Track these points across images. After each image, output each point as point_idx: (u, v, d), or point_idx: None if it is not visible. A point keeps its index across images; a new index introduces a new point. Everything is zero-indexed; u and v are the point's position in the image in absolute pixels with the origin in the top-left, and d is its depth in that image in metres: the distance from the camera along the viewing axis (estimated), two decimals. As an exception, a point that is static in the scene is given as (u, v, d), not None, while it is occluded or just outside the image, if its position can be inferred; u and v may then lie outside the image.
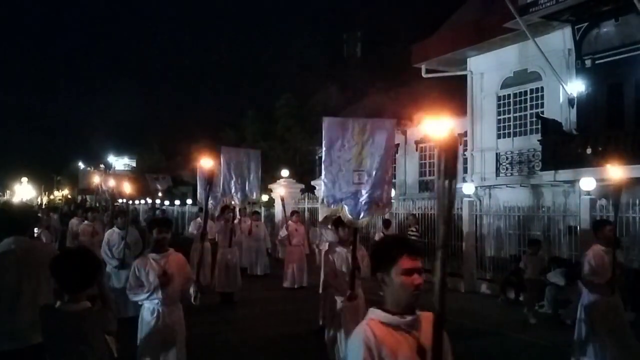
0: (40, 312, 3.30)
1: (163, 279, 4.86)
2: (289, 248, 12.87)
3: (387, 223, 13.02)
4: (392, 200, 6.95)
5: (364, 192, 5.85)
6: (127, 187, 12.51)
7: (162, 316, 4.94)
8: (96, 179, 28.18)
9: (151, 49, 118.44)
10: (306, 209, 19.13)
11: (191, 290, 5.34)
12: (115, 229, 8.96)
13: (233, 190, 10.31)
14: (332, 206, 5.94)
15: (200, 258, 7.76)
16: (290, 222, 13.31)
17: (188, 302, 5.38)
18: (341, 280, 6.04)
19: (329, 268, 6.24)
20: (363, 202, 5.84)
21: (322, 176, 6.06)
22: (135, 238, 9.16)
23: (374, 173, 5.87)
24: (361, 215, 5.86)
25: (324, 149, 6.03)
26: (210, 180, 7.20)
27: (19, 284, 3.75)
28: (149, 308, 4.98)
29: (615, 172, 6.73)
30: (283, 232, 13.06)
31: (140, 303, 5.08)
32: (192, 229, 13.71)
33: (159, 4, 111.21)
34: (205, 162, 7.77)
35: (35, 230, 9.17)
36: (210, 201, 10.92)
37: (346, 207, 5.84)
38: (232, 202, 10.90)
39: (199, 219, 14.13)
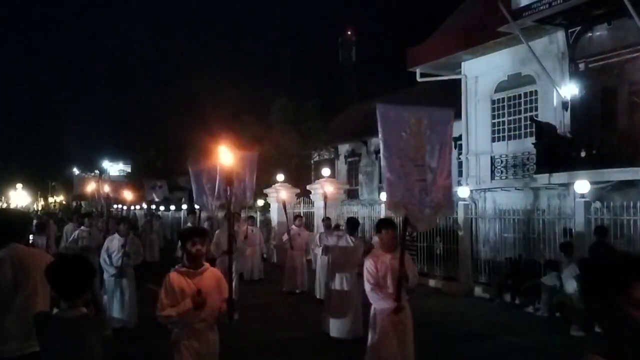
0: (35, 319, 3.29)
1: (198, 300, 4.17)
2: (290, 252, 12.71)
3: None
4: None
5: (426, 190, 5.25)
6: (126, 194, 12.50)
7: (196, 340, 4.32)
8: (92, 186, 28.04)
9: (147, 54, 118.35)
10: (302, 214, 19.10)
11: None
12: (115, 235, 8.71)
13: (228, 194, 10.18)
14: (395, 208, 5.37)
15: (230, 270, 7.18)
16: (293, 226, 13.22)
17: (222, 322, 4.81)
18: (384, 290, 5.38)
19: (370, 276, 5.44)
20: (427, 202, 5.25)
21: (384, 172, 5.32)
22: (136, 246, 8.95)
23: (435, 168, 5.28)
24: (425, 216, 5.27)
25: (381, 143, 5.34)
26: (230, 181, 7.11)
27: (14, 291, 3.73)
28: (180, 332, 4.33)
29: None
30: (285, 237, 12.89)
31: (170, 327, 4.39)
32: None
33: (154, 8, 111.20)
34: (225, 157, 6.92)
35: (30, 237, 9.09)
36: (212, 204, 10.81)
37: (409, 206, 5.23)
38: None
39: (206, 223, 13.95)
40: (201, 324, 4.32)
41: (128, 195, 15.78)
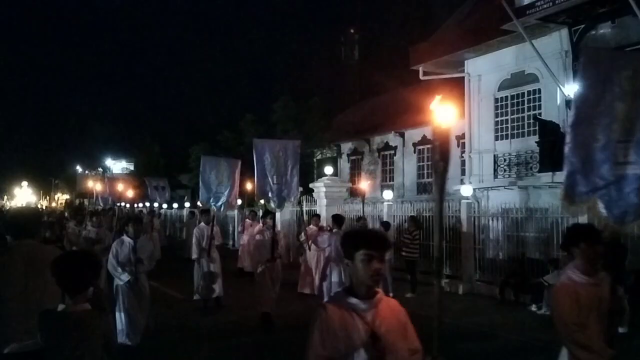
0: (40, 315, 3.30)
1: (373, 348, 2.65)
2: (308, 253, 12.13)
3: (386, 225, 13.00)
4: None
5: (633, 176, 3.60)
6: (130, 192, 12.46)
7: None
8: (97, 183, 28.06)
9: (148, 52, 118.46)
10: (304, 212, 19.09)
11: None
12: (125, 238, 7.61)
13: (270, 193, 8.78)
14: (580, 199, 3.67)
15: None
16: (311, 225, 12.83)
17: None
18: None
19: (569, 316, 3.57)
20: (630, 193, 3.61)
21: (566, 150, 3.76)
22: (149, 251, 7.78)
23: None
24: (627, 215, 3.63)
25: (579, 96, 3.77)
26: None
27: (25, 287, 3.78)
28: None
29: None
30: (302, 237, 12.49)
31: None
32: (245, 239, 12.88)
33: (156, 8, 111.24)
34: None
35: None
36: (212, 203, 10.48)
37: (600, 203, 3.65)
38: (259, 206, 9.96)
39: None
40: None
41: (131, 193, 15.76)
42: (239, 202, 25.58)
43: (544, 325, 9.23)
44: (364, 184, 13.67)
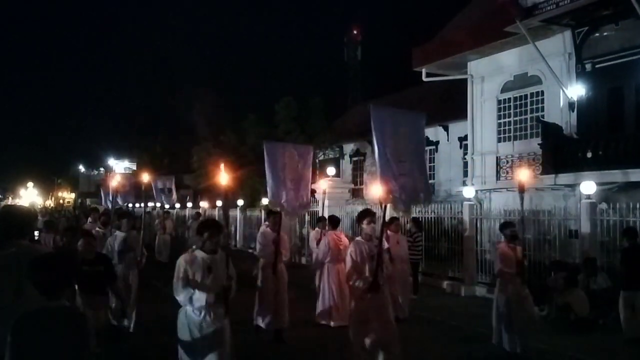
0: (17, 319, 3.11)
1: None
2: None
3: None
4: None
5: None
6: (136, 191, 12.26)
7: None
8: (114, 181, 27.77)
9: (151, 52, 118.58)
10: (306, 213, 19.10)
11: None
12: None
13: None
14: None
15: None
16: (316, 229, 11.63)
17: None
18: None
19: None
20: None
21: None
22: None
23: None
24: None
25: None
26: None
27: (19, 289, 3.73)
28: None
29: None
30: (312, 242, 11.72)
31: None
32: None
33: (160, 8, 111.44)
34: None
35: (36, 233, 9.04)
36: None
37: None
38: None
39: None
40: None
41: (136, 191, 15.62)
42: (240, 202, 25.61)
43: (546, 327, 9.21)
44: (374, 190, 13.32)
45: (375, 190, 6.02)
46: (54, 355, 3.00)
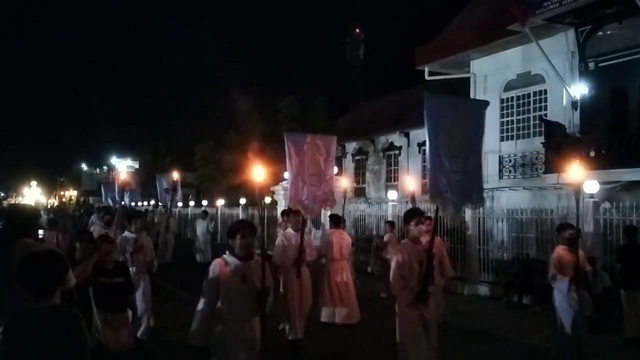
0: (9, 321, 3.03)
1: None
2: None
3: (391, 225, 13.07)
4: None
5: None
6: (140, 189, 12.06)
7: None
8: (127, 177, 27.49)
9: (153, 51, 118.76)
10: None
11: None
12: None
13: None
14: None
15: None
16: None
17: None
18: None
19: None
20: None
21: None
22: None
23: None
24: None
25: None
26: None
27: (21, 287, 3.72)
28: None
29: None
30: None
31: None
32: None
33: (164, 7, 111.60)
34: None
35: (40, 232, 9.02)
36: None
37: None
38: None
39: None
40: None
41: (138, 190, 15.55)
42: (243, 200, 25.60)
43: (547, 326, 9.21)
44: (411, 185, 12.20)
45: (426, 188, 5.74)
46: (47, 356, 2.94)
